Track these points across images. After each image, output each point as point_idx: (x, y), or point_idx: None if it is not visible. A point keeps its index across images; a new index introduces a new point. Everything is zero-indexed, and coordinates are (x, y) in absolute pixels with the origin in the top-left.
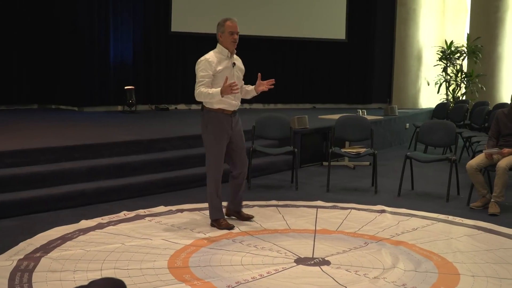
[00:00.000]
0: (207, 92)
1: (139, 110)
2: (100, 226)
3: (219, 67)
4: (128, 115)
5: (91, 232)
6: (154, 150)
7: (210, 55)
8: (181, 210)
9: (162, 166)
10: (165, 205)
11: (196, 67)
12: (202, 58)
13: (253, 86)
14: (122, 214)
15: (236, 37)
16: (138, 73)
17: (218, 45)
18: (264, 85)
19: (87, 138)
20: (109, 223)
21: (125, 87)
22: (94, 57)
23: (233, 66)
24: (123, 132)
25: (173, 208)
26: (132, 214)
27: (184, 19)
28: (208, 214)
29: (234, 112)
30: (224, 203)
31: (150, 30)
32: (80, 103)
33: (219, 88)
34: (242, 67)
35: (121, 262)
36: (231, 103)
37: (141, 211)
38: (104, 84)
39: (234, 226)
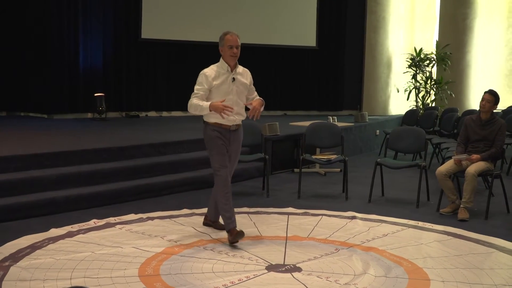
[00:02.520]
0: (197, 103)
1: (109, 118)
2: (70, 235)
3: (216, 82)
4: (98, 122)
5: (61, 241)
6: (125, 158)
7: (209, 69)
8: (152, 218)
9: (132, 174)
10: (136, 213)
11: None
12: (201, 72)
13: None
14: (92, 222)
15: (236, 51)
16: (108, 80)
17: (220, 60)
18: (253, 108)
19: (56, 145)
20: (79, 232)
21: (95, 94)
22: (64, 64)
23: (232, 81)
24: (93, 140)
25: (144, 215)
26: (102, 222)
27: (154, 26)
28: (179, 221)
29: (233, 126)
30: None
31: (120, 37)
32: (49, 111)
33: (209, 102)
34: (246, 81)
35: (91, 271)
36: (228, 118)
37: (111, 219)
38: (74, 91)
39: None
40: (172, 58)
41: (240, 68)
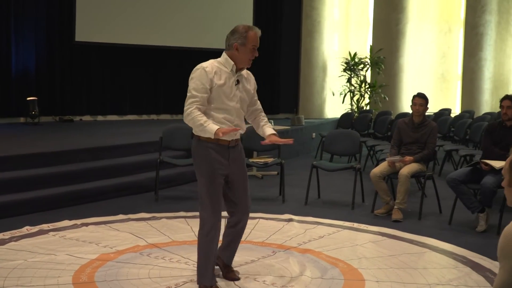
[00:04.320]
0: (199, 121)
1: (42, 122)
2: (1, 242)
3: (219, 81)
4: (31, 127)
5: None
6: (59, 163)
7: (209, 64)
8: (86, 224)
9: (66, 179)
10: (70, 219)
11: (190, 76)
12: (198, 66)
13: (269, 133)
14: (25, 229)
15: (257, 54)
16: (41, 83)
17: (224, 56)
18: (277, 140)
19: None
20: (11, 239)
21: (28, 98)
22: None
23: (236, 84)
24: (26, 145)
25: (78, 222)
26: (35, 229)
27: (89, 29)
28: (114, 227)
29: (232, 142)
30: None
31: (53, 40)
32: None
33: (217, 127)
34: (250, 87)
35: (24, 279)
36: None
37: (44, 226)
38: (5, 95)
39: None
40: (107, 62)
41: (245, 71)
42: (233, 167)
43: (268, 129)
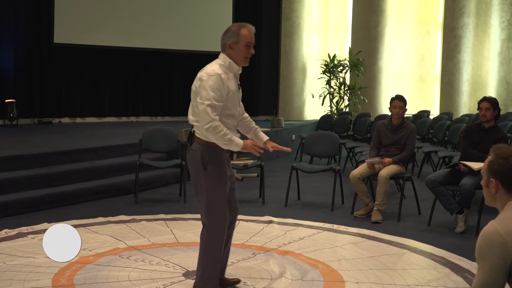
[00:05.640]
0: (227, 136)
1: (21, 124)
2: None
3: (232, 88)
4: (9, 129)
5: None
6: (37, 165)
7: (219, 69)
8: None
9: (45, 182)
10: (49, 222)
11: (203, 83)
12: (210, 71)
13: (265, 139)
14: (3, 232)
15: (253, 51)
16: (20, 85)
17: (224, 58)
18: (277, 147)
19: None
20: None
21: (6, 100)
22: None
23: (239, 88)
24: (4, 147)
25: (57, 224)
26: (13, 232)
27: (67, 30)
28: (94, 230)
29: None
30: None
31: (32, 41)
32: None
33: (242, 142)
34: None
35: (2, 282)
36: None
37: (23, 229)
38: None
39: None
40: (86, 63)
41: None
42: (229, 171)
43: (262, 135)
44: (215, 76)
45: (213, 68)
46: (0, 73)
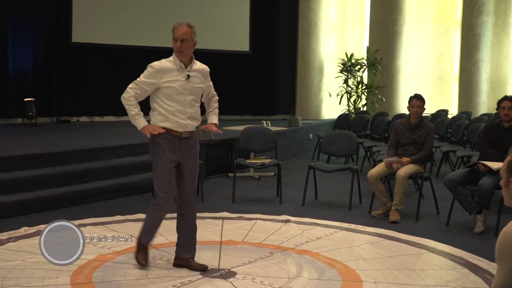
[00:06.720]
0: (130, 108)
1: (39, 123)
2: None
3: (166, 78)
4: (28, 127)
5: None
6: (56, 164)
7: (161, 62)
8: (84, 225)
9: (64, 180)
10: (68, 220)
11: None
12: (151, 63)
13: (210, 121)
14: (23, 230)
15: (180, 44)
16: (39, 84)
17: (173, 53)
18: (212, 129)
19: None
20: (9, 240)
21: (25, 99)
22: None
23: (187, 78)
24: (23, 145)
25: (76, 222)
26: (33, 229)
27: (85, 30)
28: (112, 228)
29: (185, 133)
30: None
31: (50, 40)
32: None
33: (145, 125)
34: (201, 82)
35: (22, 280)
36: (180, 122)
37: (42, 227)
38: (2, 96)
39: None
40: (104, 62)
41: (197, 64)
42: (184, 157)
43: (211, 117)
44: (149, 68)
45: (156, 61)
46: (19, 72)
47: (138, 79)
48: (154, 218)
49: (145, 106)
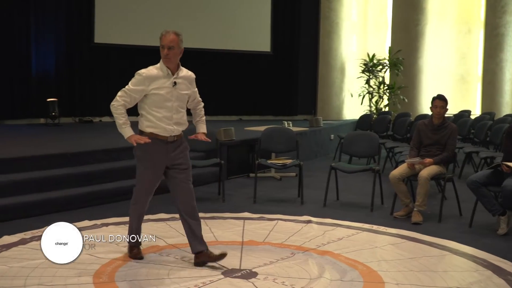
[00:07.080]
0: (118, 117)
1: (62, 123)
2: (23, 242)
3: (154, 85)
4: (51, 127)
5: (14, 248)
6: (78, 164)
7: (147, 70)
8: (106, 224)
9: (86, 180)
10: (90, 219)
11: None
12: (138, 71)
13: (199, 130)
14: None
15: (167, 52)
16: (61, 85)
17: (161, 60)
18: (204, 138)
19: (8, 151)
20: (32, 239)
21: (48, 99)
22: (15, 68)
23: (173, 85)
24: (46, 145)
25: (98, 222)
26: None
27: (108, 30)
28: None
29: (171, 137)
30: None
31: (73, 41)
32: (1, 116)
33: (131, 134)
34: (187, 89)
35: (45, 278)
36: (166, 128)
37: None
38: (26, 96)
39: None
40: (126, 63)
41: (183, 71)
42: (171, 157)
43: (200, 126)
44: (137, 76)
45: (143, 69)
46: (43, 72)
47: (126, 87)
48: (132, 217)
49: (133, 109)
